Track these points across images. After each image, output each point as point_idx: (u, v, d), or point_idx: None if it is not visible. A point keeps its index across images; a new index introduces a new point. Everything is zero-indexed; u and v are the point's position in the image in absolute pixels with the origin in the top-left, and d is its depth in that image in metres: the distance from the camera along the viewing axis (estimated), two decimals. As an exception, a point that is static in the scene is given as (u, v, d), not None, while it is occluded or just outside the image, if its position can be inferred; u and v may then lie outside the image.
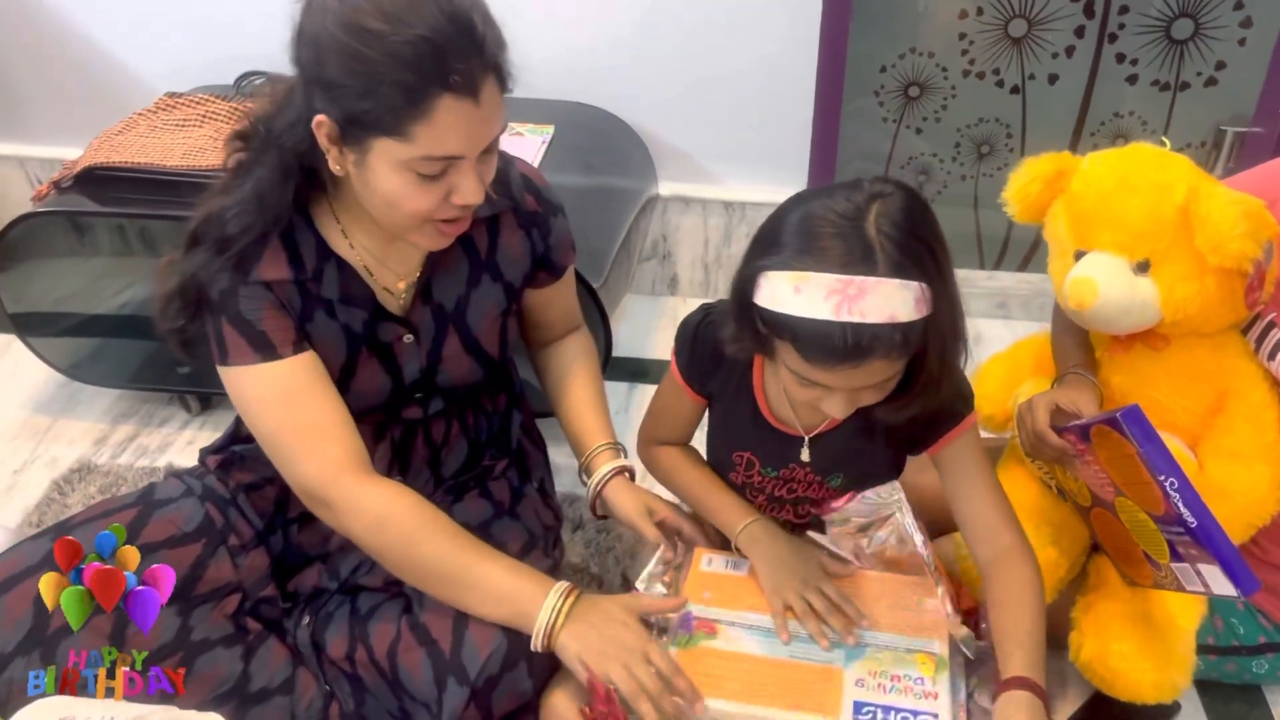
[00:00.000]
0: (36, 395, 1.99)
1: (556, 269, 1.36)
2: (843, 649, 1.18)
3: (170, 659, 1.23)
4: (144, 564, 1.25)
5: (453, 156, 1.07)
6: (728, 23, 2.01)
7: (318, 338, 1.22)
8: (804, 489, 1.30)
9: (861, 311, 0.97)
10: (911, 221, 1.01)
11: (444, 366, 1.31)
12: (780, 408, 1.24)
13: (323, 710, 1.29)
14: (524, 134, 1.92)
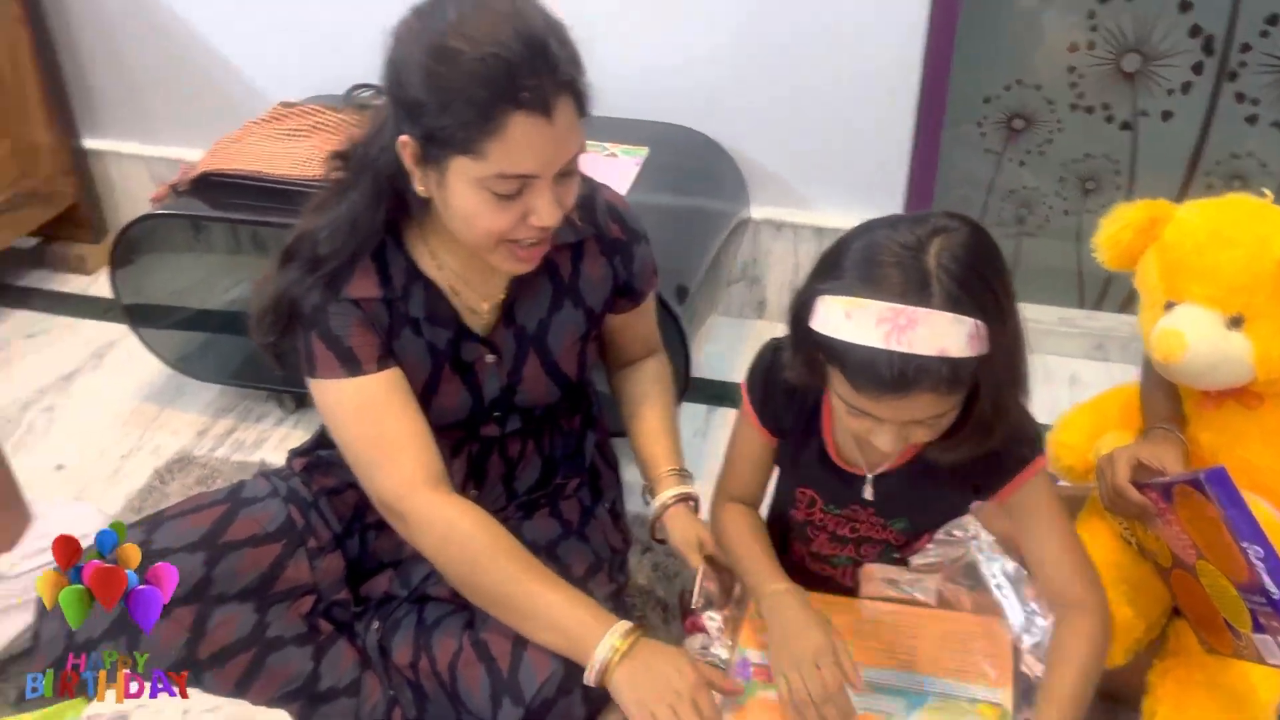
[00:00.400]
0: (147, 385, 2.09)
1: (637, 295, 1.38)
2: (904, 698, 1.16)
3: (244, 654, 1.28)
4: (229, 560, 1.32)
5: (526, 175, 1.09)
6: (827, 47, 2.00)
7: (403, 355, 1.26)
8: (866, 529, 1.28)
9: (910, 342, 0.96)
10: (974, 258, 1.00)
11: (523, 387, 1.33)
12: (846, 446, 1.23)
13: (385, 714, 1.32)
14: (618, 155, 1.94)
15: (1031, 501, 1.17)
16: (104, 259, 2.42)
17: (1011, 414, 1.09)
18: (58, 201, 2.37)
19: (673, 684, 1.12)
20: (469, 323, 1.28)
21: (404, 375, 1.25)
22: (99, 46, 2.37)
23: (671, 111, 2.09)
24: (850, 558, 1.32)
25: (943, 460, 1.13)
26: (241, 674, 1.27)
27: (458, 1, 1.07)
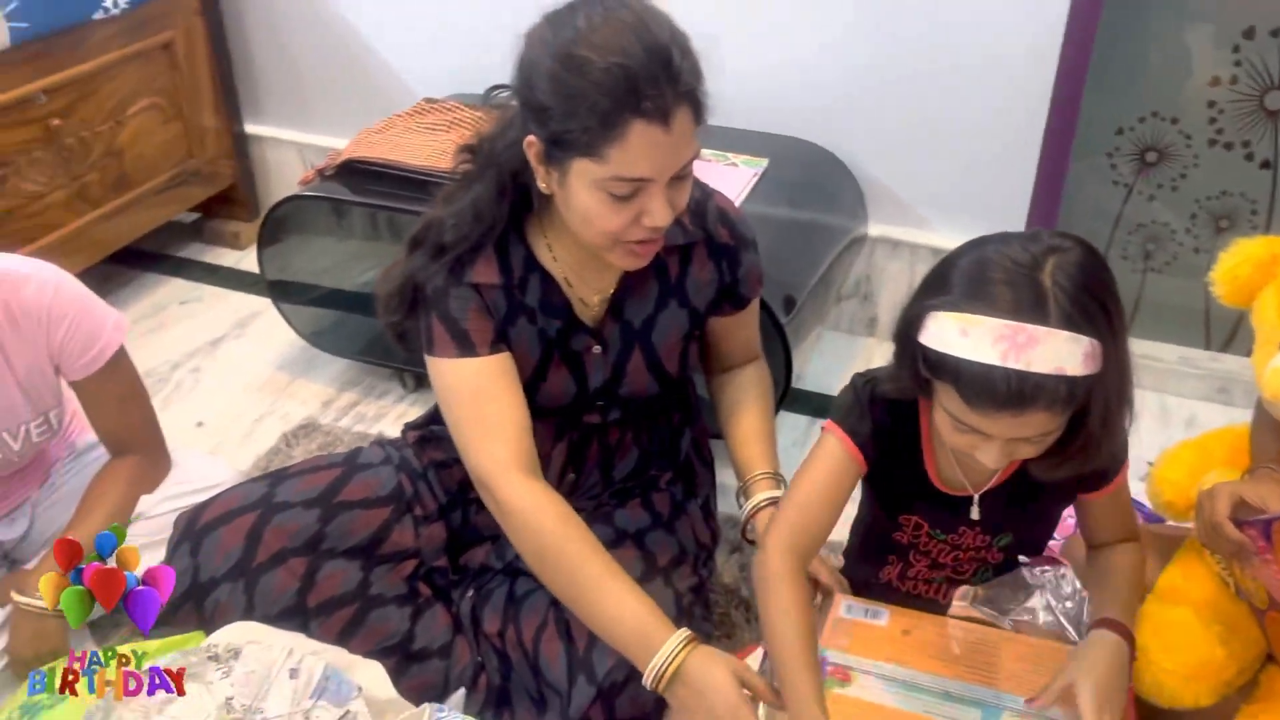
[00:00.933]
0: (282, 356, 2.24)
1: (741, 300, 1.41)
2: (980, 708, 1.17)
3: (348, 608, 1.37)
4: (341, 519, 1.42)
5: (642, 179, 1.13)
6: (956, 70, 2.01)
7: (516, 340, 1.32)
8: (968, 557, 1.29)
9: (1029, 360, 0.96)
10: (1088, 278, 1.00)
11: (626, 379, 1.39)
12: (947, 470, 1.23)
13: (473, 678, 1.39)
14: (738, 164, 1.98)
15: (1112, 499, 1.24)
16: (255, 236, 2.60)
17: (1119, 433, 1.10)
18: (218, 181, 2.55)
19: (714, 711, 1.13)
20: (579, 314, 1.34)
21: (513, 362, 1.31)
22: (266, 39, 2.55)
23: (797, 126, 2.13)
24: (946, 577, 1.33)
25: (1047, 478, 1.14)
26: (344, 626, 1.36)
27: (587, 10, 1.12)
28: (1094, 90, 1.98)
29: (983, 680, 1.20)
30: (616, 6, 1.12)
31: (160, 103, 2.33)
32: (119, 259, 2.47)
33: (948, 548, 1.28)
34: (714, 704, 1.13)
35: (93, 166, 2.19)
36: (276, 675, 1.20)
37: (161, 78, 2.32)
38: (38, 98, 2.02)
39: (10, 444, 1.48)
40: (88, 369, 1.48)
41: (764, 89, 2.12)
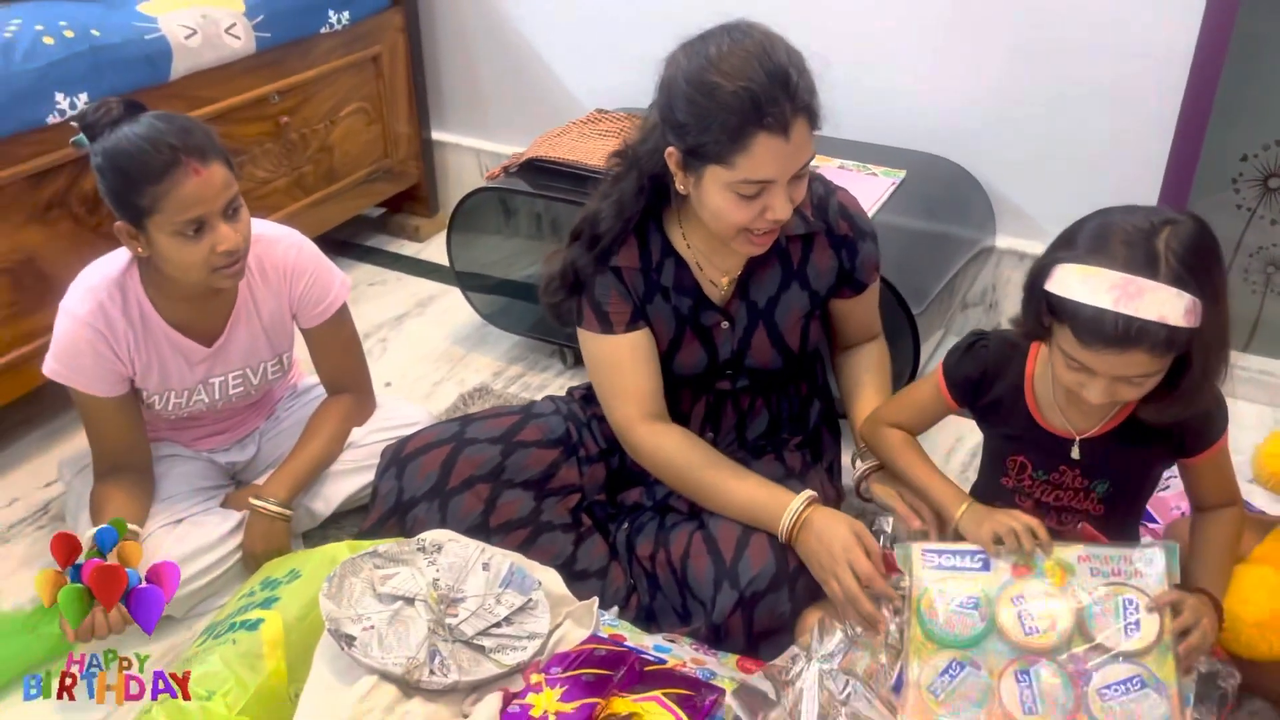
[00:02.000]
0: (457, 332, 2.53)
1: (859, 285, 1.61)
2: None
3: (522, 529, 1.61)
4: (518, 455, 1.66)
5: (766, 180, 1.36)
6: (1086, 97, 2.17)
7: (654, 316, 1.56)
8: (1069, 497, 1.44)
9: (1136, 307, 1.15)
10: (1198, 246, 1.18)
11: (751, 352, 1.60)
12: (1051, 413, 1.40)
13: (625, 598, 1.62)
14: (878, 174, 2.18)
15: (1212, 464, 1.39)
16: (434, 229, 2.92)
17: (1216, 387, 1.27)
18: (405, 180, 2.88)
19: (834, 551, 1.39)
20: (709, 294, 1.57)
21: (648, 337, 1.56)
22: (454, 56, 2.87)
23: (935, 144, 2.32)
24: (1051, 527, 1.44)
25: (1153, 420, 1.31)
26: (519, 545, 1.60)
27: (717, 40, 1.35)
28: (1220, 117, 2.11)
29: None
30: (741, 36, 1.35)
31: (366, 107, 2.66)
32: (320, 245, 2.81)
33: (1049, 487, 1.43)
34: (832, 547, 1.39)
35: (309, 159, 2.53)
36: (472, 566, 1.45)
37: (368, 86, 2.65)
38: (272, 97, 2.37)
39: (251, 379, 1.78)
40: (319, 318, 1.78)
41: (906, 108, 2.32)
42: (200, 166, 1.48)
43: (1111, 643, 1.27)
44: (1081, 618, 1.29)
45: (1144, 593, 1.29)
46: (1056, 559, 1.34)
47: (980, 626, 1.32)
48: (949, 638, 1.32)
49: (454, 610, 1.37)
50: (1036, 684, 1.27)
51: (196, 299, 1.65)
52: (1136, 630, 1.27)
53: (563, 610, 1.44)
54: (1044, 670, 1.28)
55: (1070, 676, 1.27)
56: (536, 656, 1.35)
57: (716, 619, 1.48)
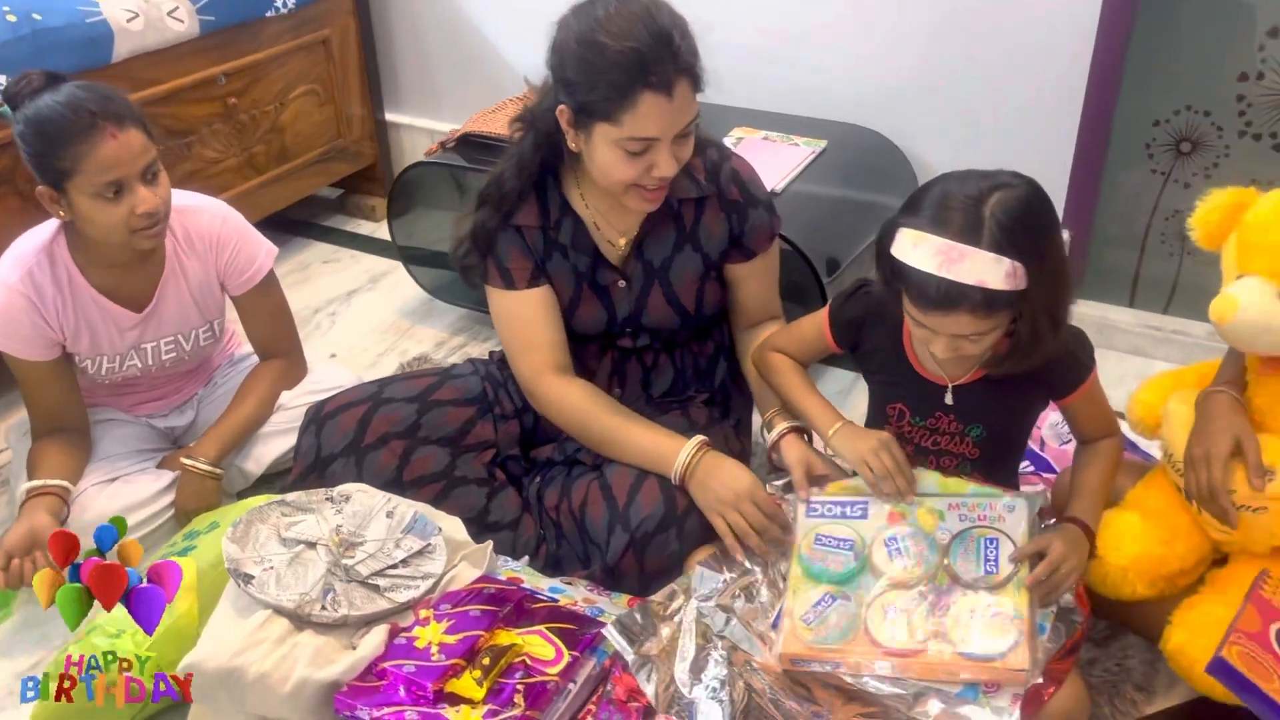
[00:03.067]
0: (405, 306, 2.61)
1: (748, 251, 1.67)
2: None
3: (436, 484, 1.68)
4: (434, 413, 1.73)
5: (650, 138, 1.43)
6: (1003, 63, 2.23)
7: (554, 273, 1.63)
8: (946, 441, 1.49)
9: (957, 272, 1.23)
10: (1024, 213, 1.25)
11: (648, 311, 1.67)
12: (927, 361, 1.46)
13: (535, 548, 1.69)
14: (799, 144, 2.25)
15: (1086, 402, 1.45)
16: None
17: (1046, 341, 1.32)
18: (360, 160, 2.95)
19: (734, 488, 1.47)
20: (606, 253, 1.64)
21: (550, 293, 1.63)
22: (408, 38, 2.94)
23: (858, 114, 2.38)
24: (932, 470, 1.52)
25: (996, 372, 1.38)
26: (433, 498, 1.66)
27: (605, 3, 1.43)
28: (1132, 86, 2.17)
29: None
30: (628, 0, 1.41)
31: (317, 89, 2.73)
32: (276, 224, 2.89)
33: (927, 432, 1.49)
34: (723, 491, 1.47)
35: (260, 140, 2.61)
36: (376, 514, 1.53)
37: (318, 68, 2.72)
38: (219, 79, 2.44)
39: (184, 345, 1.86)
40: (246, 285, 1.85)
41: (831, 80, 2.39)
42: (117, 130, 1.55)
43: (970, 577, 1.34)
44: (947, 556, 1.36)
45: (1007, 535, 1.36)
46: (929, 508, 1.41)
47: (854, 564, 1.39)
48: (824, 573, 1.39)
49: (352, 553, 1.45)
50: (899, 614, 1.34)
51: (124, 266, 1.73)
52: (995, 567, 1.34)
53: (460, 554, 1.51)
54: (907, 600, 1.35)
55: (930, 606, 1.34)
56: (428, 594, 1.42)
57: (610, 560, 1.55)
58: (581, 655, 1.37)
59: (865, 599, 1.37)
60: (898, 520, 1.41)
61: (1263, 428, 1.43)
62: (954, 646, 1.29)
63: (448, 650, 1.32)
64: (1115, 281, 2.39)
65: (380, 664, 1.31)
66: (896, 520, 1.41)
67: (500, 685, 1.30)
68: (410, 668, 1.30)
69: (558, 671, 1.33)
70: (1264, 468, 1.36)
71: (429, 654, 1.31)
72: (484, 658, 1.32)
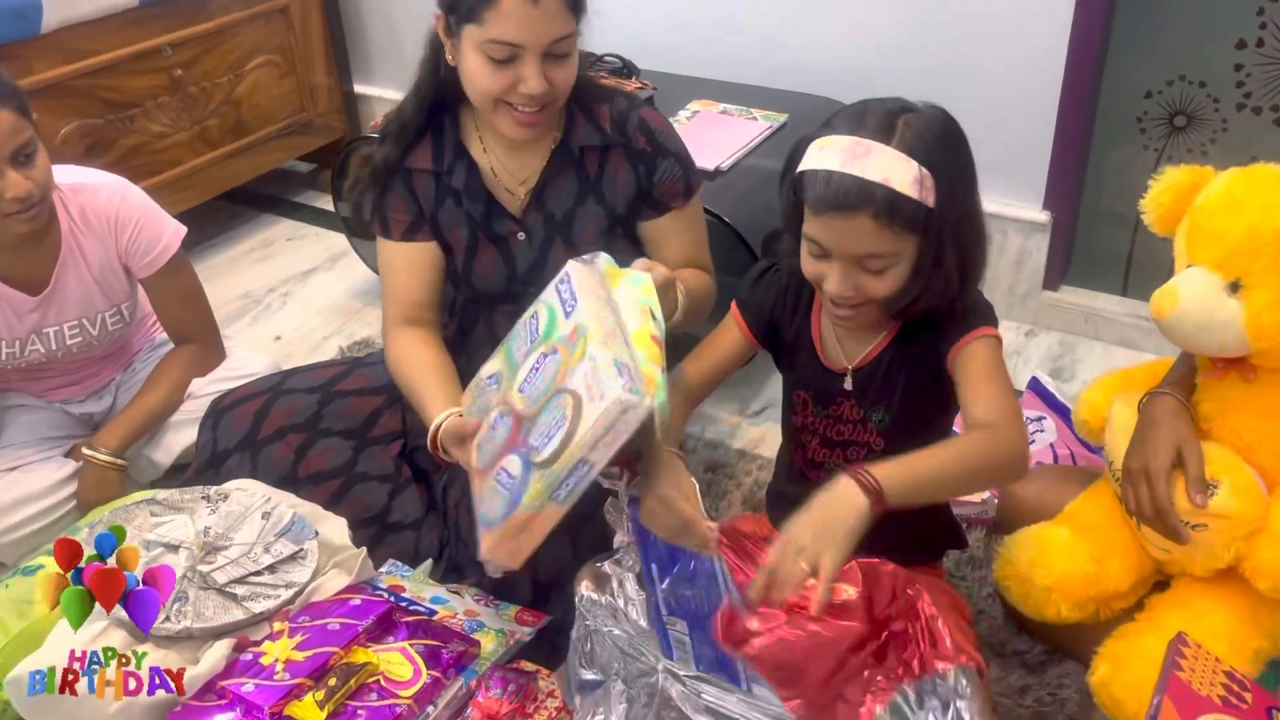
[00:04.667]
0: (358, 286, 2.51)
1: (659, 206, 1.54)
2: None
3: (334, 480, 1.59)
4: (337, 404, 1.64)
5: (514, 44, 1.33)
6: (978, 29, 2.06)
7: (447, 222, 1.53)
8: (850, 430, 1.35)
9: (862, 167, 1.11)
10: (940, 132, 1.15)
11: (550, 267, 1.52)
12: (829, 344, 1.33)
13: (439, 551, 1.59)
14: (757, 118, 2.10)
15: (974, 358, 1.20)
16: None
17: (951, 282, 1.18)
18: (328, 134, 2.86)
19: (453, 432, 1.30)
20: (504, 202, 1.53)
21: (427, 251, 1.53)
22: (375, 6, 2.83)
23: (825, 85, 2.22)
24: (838, 463, 1.37)
25: (892, 308, 1.21)
26: (331, 495, 1.57)
27: None
28: (1119, 52, 1.99)
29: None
30: None
31: (276, 60, 2.64)
32: (243, 199, 2.82)
33: (831, 421, 1.35)
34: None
35: (213, 113, 2.52)
36: (250, 514, 1.43)
37: (278, 38, 2.63)
38: (164, 50, 2.36)
39: (89, 329, 1.78)
40: (151, 267, 1.76)
41: (796, 49, 2.23)
42: None
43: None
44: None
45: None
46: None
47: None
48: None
49: (212, 558, 1.36)
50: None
51: (16, 248, 1.65)
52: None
53: (335, 559, 1.41)
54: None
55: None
56: (286, 605, 1.32)
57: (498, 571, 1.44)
58: (445, 675, 1.26)
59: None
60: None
61: (1209, 436, 1.28)
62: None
63: (294, 668, 1.22)
64: (1106, 268, 2.21)
65: (220, 682, 1.22)
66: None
67: (346, 708, 1.20)
68: (250, 687, 1.20)
69: (412, 694, 1.22)
70: (1205, 481, 1.21)
71: (273, 672, 1.22)
72: (331, 677, 1.22)
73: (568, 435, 1.08)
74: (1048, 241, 2.16)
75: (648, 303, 1.22)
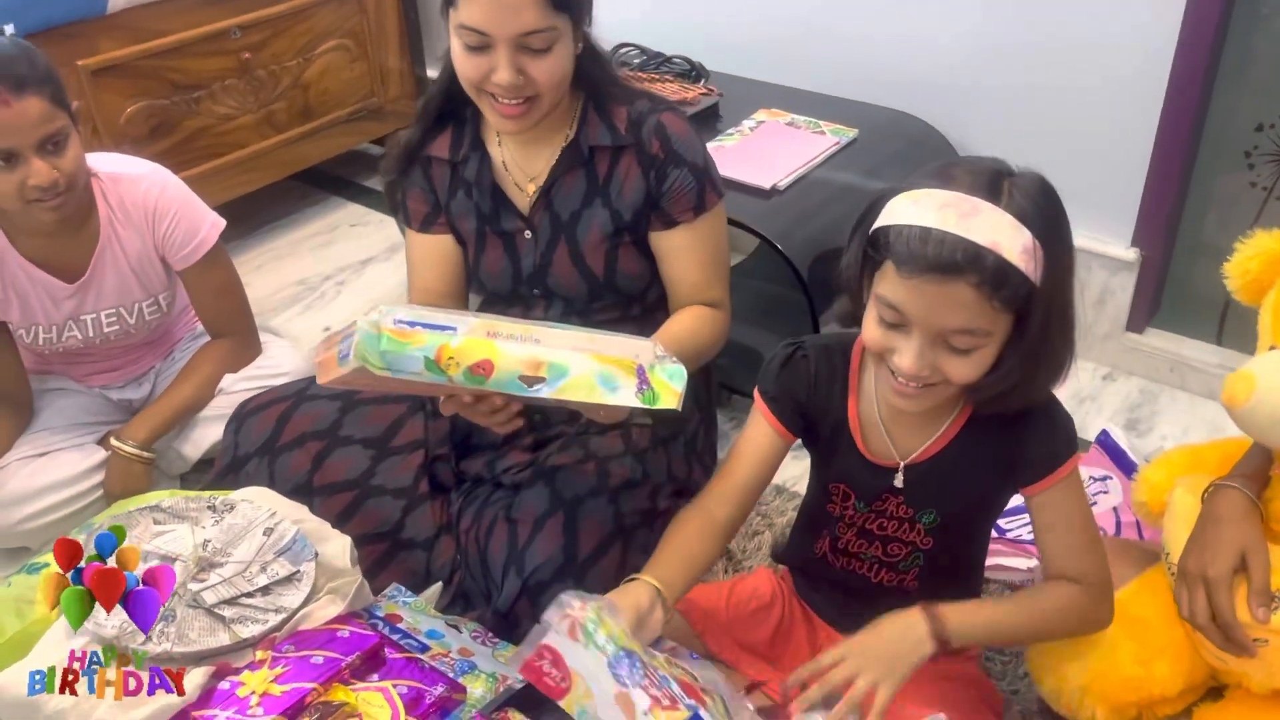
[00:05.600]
0: (414, 279, 2.47)
1: (667, 217, 1.45)
2: None
3: (348, 492, 1.55)
4: (359, 412, 1.59)
5: (480, 31, 1.28)
6: (1072, 48, 1.90)
7: (458, 213, 1.51)
8: (894, 527, 1.26)
9: (969, 227, 0.98)
10: (1046, 198, 1.03)
11: (553, 270, 1.49)
12: (873, 436, 1.22)
13: (450, 574, 1.54)
14: (825, 132, 1.98)
15: (1063, 501, 1.14)
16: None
17: (1040, 377, 1.07)
18: (399, 119, 2.81)
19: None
20: (514, 198, 1.49)
21: (443, 243, 1.53)
22: (452, -8, 2.77)
23: (902, 98, 2.09)
24: (877, 557, 1.29)
25: (977, 400, 1.11)
26: (344, 508, 1.53)
27: None
28: (1232, 82, 1.82)
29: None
30: None
31: (348, 44, 2.60)
32: (313, 179, 2.80)
33: (874, 515, 1.26)
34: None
35: (280, 96, 2.50)
36: (253, 529, 1.39)
37: (350, 21, 2.59)
38: (233, 32, 2.34)
39: (127, 318, 1.77)
40: (188, 260, 1.74)
41: (875, 59, 2.10)
42: (11, 98, 1.44)
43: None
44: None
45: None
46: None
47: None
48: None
49: (205, 575, 1.32)
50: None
51: (53, 235, 1.64)
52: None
53: (330, 584, 1.36)
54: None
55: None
56: (273, 632, 1.28)
57: (501, 605, 1.40)
58: (425, 721, 1.21)
59: None
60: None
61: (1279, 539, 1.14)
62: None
63: (269, 704, 1.17)
64: (1199, 312, 2.04)
65: (193, 711, 1.18)
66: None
67: (318, 751, 1.16)
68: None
69: (387, 741, 1.17)
70: (1269, 594, 1.07)
71: (248, 706, 1.17)
72: (305, 717, 1.17)
73: None
74: (1134, 280, 1.99)
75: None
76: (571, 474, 1.45)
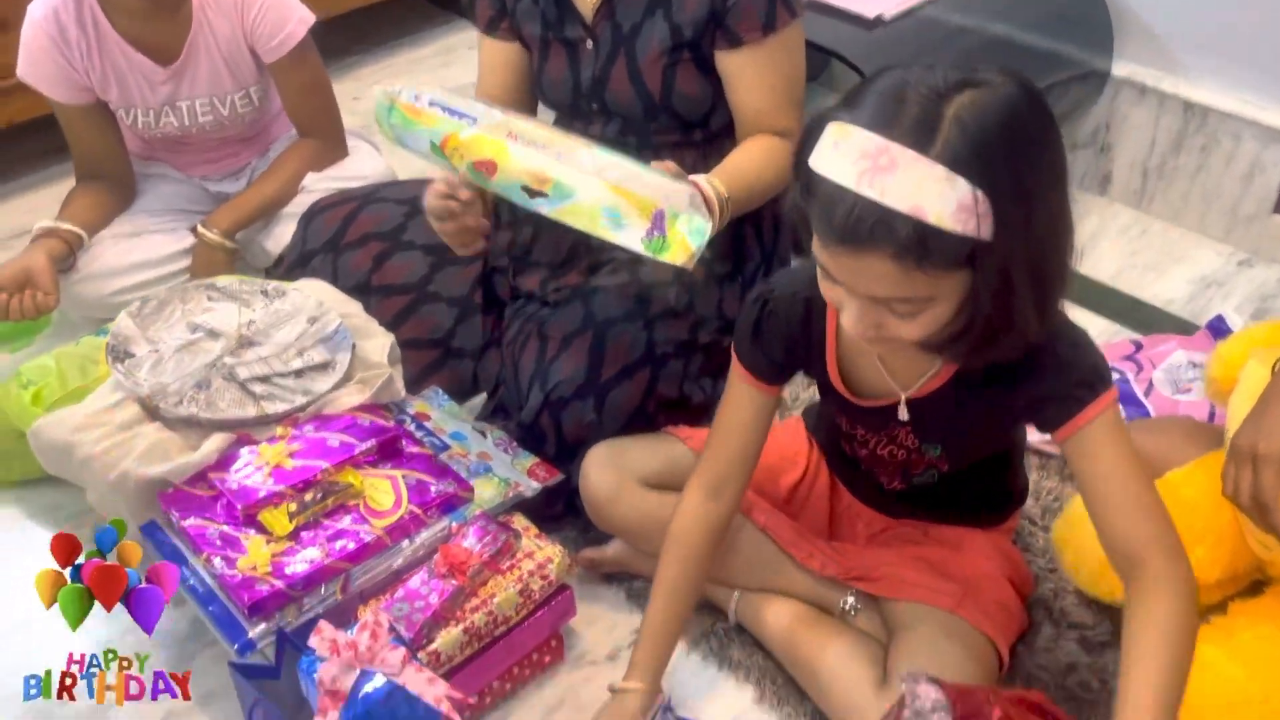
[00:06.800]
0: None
1: (733, 34, 1.34)
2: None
3: (401, 297, 1.55)
4: (422, 218, 1.57)
5: None
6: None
7: (523, 16, 1.45)
8: (904, 455, 1.17)
9: (883, 188, 0.83)
10: (1008, 120, 0.85)
11: (611, 85, 1.42)
12: (866, 377, 1.11)
13: (494, 387, 1.55)
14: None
15: (1093, 448, 0.97)
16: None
17: (1021, 329, 0.92)
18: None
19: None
20: (578, 4, 1.41)
21: (509, 51, 1.49)
22: None
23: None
24: (899, 464, 1.20)
25: (949, 355, 0.98)
26: (399, 310, 1.55)
27: None
28: None
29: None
30: None
31: None
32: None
33: (884, 441, 1.17)
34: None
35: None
36: (297, 316, 1.43)
37: None
38: None
39: (220, 109, 1.80)
40: (276, 52, 1.75)
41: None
42: None
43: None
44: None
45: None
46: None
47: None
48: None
49: (243, 352, 1.36)
50: None
51: (149, 16, 1.67)
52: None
53: (361, 374, 1.38)
54: None
55: None
56: (297, 412, 1.31)
57: (526, 417, 1.40)
58: (427, 514, 1.22)
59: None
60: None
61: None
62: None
63: (280, 475, 1.21)
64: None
65: (210, 472, 1.23)
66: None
67: (318, 525, 1.19)
68: (234, 485, 1.21)
69: (385, 526, 1.20)
70: None
71: (260, 474, 1.22)
72: (311, 492, 1.20)
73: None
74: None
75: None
76: (610, 296, 1.43)
